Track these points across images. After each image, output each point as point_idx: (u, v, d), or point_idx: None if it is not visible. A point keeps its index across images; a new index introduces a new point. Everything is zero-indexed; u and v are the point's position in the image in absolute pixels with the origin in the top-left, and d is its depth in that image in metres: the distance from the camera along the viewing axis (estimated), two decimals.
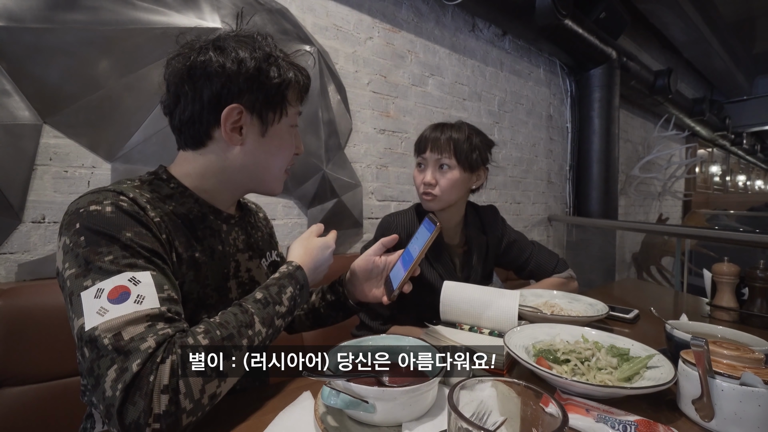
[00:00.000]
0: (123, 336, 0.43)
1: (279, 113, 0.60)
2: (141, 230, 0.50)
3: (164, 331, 0.45)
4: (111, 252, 0.47)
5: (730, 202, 6.60)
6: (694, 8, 3.79)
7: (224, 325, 0.49)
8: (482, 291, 0.83)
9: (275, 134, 0.61)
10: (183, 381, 0.43)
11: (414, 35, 1.98)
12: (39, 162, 1.02)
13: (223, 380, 0.47)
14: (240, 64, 0.55)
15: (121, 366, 0.41)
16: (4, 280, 0.98)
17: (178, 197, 0.59)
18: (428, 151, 0.96)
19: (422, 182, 0.97)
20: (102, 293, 0.45)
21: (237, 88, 0.56)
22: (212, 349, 0.45)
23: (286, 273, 0.61)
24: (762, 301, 1.01)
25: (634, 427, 0.49)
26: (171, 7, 1.18)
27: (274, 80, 0.57)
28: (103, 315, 0.43)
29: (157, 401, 0.41)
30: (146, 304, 0.45)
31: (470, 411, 0.37)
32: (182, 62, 0.57)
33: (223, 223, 0.64)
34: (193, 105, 0.56)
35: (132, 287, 0.46)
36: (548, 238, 2.94)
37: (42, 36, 0.99)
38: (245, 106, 0.57)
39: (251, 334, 0.51)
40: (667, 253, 3.73)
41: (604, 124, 2.83)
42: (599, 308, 0.97)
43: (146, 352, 0.42)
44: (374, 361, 0.61)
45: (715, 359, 0.54)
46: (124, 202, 0.51)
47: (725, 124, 5.86)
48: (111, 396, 0.41)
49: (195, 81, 0.56)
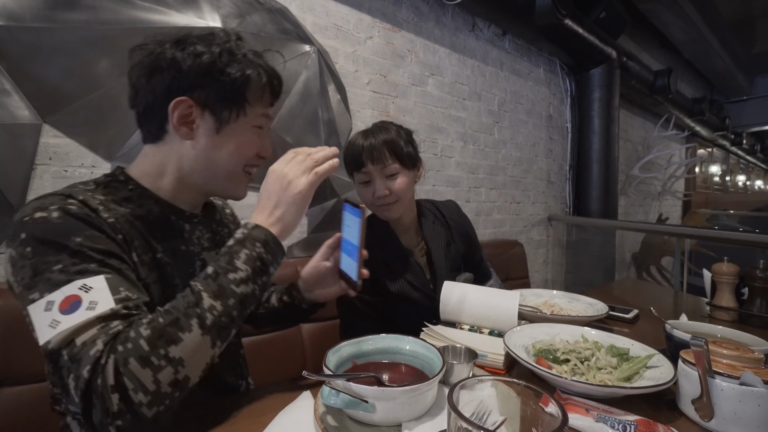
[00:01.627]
0: (76, 344, 0.42)
1: (236, 112, 0.58)
2: (93, 233, 0.48)
3: (116, 328, 0.44)
4: (59, 261, 0.45)
5: (729, 202, 6.60)
6: (694, 8, 3.79)
7: (170, 311, 0.47)
8: (482, 291, 0.83)
9: (232, 133, 0.59)
10: (127, 377, 0.42)
11: (414, 35, 1.98)
12: (39, 161, 1.02)
13: (180, 365, 0.44)
14: (195, 58, 0.55)
15: (76, 374, 0.42)
16: (3, 280, 0.98)
17: (136, 199, 0.58)
18: (369, 164, 0.88)
19: (375, 197, 0.90)
20: (53, 305, 0.43)
21: (188, 81, 0.55)
22: (153, 339, 0.44)
23: (239, 238, 0.54)
24: (761, 301, 1.01)
25: (633, 427, 0.49)
26: (171, 6, 1.18)
27: (230, 77, 0.56)
28: (55, 327, 0.43)
29: (110, 401, 0.41)
30: (100, 308, 0.44)
31: (470, 411, 0.37)
32: (141, 55, 0.57)
33: (185, 222, 0.63)
34: (148, 97, 0.57)
35: (83, 295, 0.44)
36: (548, 238, 2.94)
37: (42, 36, 0.99)
38: (196, 100, 0.56)
39: (199, 312, 0.47)
40: (667, 253, 3.73)
41: (604, 124, 2.83)
42: (599, 308, 0.97)
43: (94, 357, 0.42)
44: (374, 361, 0.61)
45: (715, 359, 0.54)
46: (72, 206, 0.49)
47: (725, 124, 5.85)
48: (77, 403, 0.42)
49: (150, 73, 0.56)
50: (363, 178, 0.91)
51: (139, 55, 0.57)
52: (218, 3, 1.28)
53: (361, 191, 0.94)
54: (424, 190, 2.04)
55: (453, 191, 2.20)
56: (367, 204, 0.93)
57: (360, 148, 0.89)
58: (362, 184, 0.92)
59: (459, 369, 0.60)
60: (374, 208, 0.93)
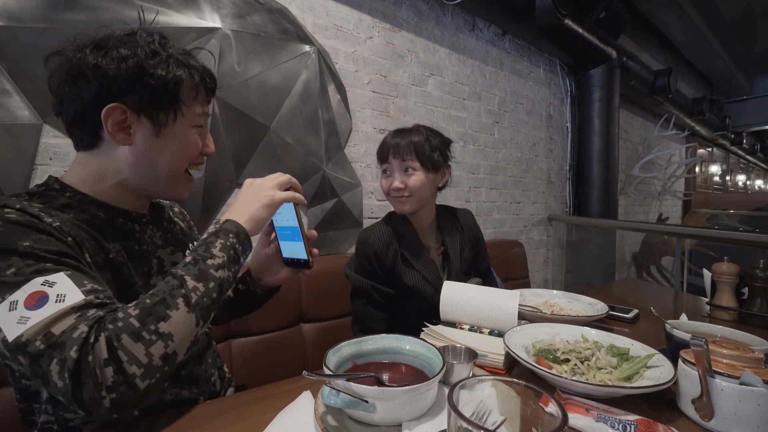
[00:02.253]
0: (53, 332, 0.43)
1: (173, 114, 0.58)
2: (40, 236, 0.47)
3: (95, 315, 0.45)
4: (11, 265, 0.45)
5: (729, 202, 6.59)
6: (694, 8, 3.78)
7: (154, 293, 0.49)
8: (482, 291, 0.84)
9: (172, 134, 0.58)
10: (122, 351, 0.43)
11: (414, 35, 1.98)
12: (39, 162, 1.02)
13: (169, 340, 0.47)
14: (119, 62, 0.53)
15: (60, 357, 0.42)
16: None
17: (77, 205, 0.56)
18: (391, 157, 0.99)
19: (390, 188, 0.99)
20: (16, 304, 0.43)
21: (117, 87, 0.53)
22: (144, 316, 0.46)
23: (212, 231, 0.57)
24: (761, 301, 1.01)
25: (633, 427, 0.49)
26: (171, 7, 1.18)
27: (160, 79, 0.55)
28: (25, 323, 0.43)
29: (102, 375, 0.42)
30: (69, 300, 0.45)
31: (470, 410, 0.37)
32: (59, 62, 0.55)
33: (134, 223, 0.63)
34: (75, 106, 0.55)
35: (48, 290, 0.44)
36: (548, 238, 2.94)
37: (42, 36, 0.99)
38: (129, 105, 0.55)
39: (184, 292, 0.49)
40: (667, 253, 3.74)
41: (604, 124, 2.83)
42: (599, 308, 0.97)
43: (80, 338, 0.43)
44: (374, 361, 0.61)
45: (715, 359, 0.54)
46: (11, 214, 0.48)
47: (725, 123, 5.85)
48: (63, 385, 0.42)
49: (73, 81, 0.54)
50: (384, 169, 1.03)
51: (56, 62, 0.55)
52: (218, 3, 1.28)
53: (381, 181, 1.04)
54: None
55: (453, 191, 2.20)
56: (385, 195, 1.04)
57: (387, 144, 1.00)
58: (384, 174, 1.03)
59: (459, 369, 0.60)
60: (390, 199, 1.03)
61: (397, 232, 1.02)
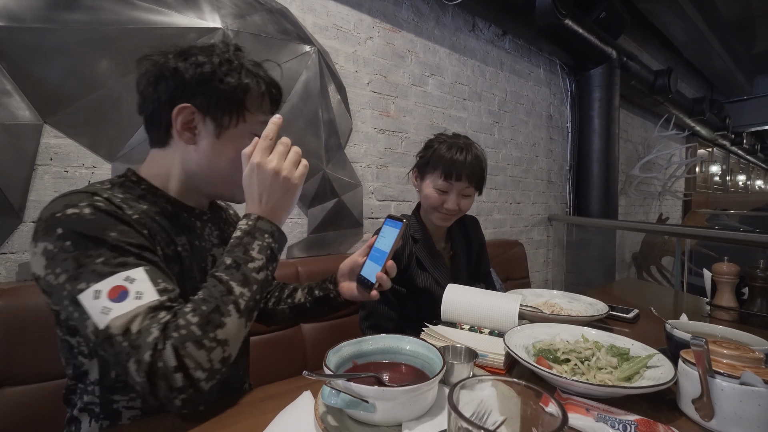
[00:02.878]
0: (131, 330, 0.47)
1: (236, 118, 0.61)
2: (124, 228, 0.52)
3: (164, 319, 0.49)
4: (101, 254, 0.49)
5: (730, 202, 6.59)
6: (694, 8, 3.78)
7: (207, 299, 0.52)
8: (483, 293, 0.84)
9: (231, 138, 0.62)
10: (188, 358, 0.47)
11: (414, 35, 1.98)
12: (39, 162, 1.02)
13: (226, 345, 0.51)
14: (196, 67, 0.58)
15: (136, 358, 0.46)
16: (5, 280, 0.98)
17: (150, 197, 0.61)
18: (454, 179, 0.97)
19: (444, 207, 0.98)
20: (100, 294, 0.47)
21: (190, 89, 0.58)
22: (204, 324, 0.50)
23: (246, 229, 0.58)
24: (762, 301, 1.01)
25: (634, 427, 0.49)
26: (171, 7, 1.18)
27: (229, 85, 0.59)
28: (108, 314, 0.46)
29: (173, 380, 0.47)
30: (146, 298, 0.48)
31: (470, 410, 0.37)
32: (147, 65, 0.61)
33: (196, 219, 0.67)
34: (153, 104, 0.60)
35: (128, 285, 0.48)
36: (548, 238, 2.94)
37: (42, 36, 0.99)
38: (198, 107, 0.59)
39: (234, 299, 0.53)
40: (667, 253, 3.73)
41: (604, 124, 2.82)
42: (599, 308, 0.97)
43: (153, 343, 0.46)
44: (374, 361, 0.61)
45: (715, 359, 0.54)
46: (100, 203, 0.52)
47: (725, 123, 5.85)
48: (141, 382, 0.47)
49: (155, 82, 0.59)
50: (443, 187, 0.98)
51: (145, 65, 0.61)
52: (218, 3, 1.28)
53: (432, 194, 1.00)
54: None
55: None
56: (431, 206, 1.01)
57: (457, 163, 0.96)
58: (438, 189, 0.99)
59: (459, 369, 0.60)
60: (435, 213, 1.02)
61: (413, 236, 1.03)
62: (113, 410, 0.58)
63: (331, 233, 1.61)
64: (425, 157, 1.02)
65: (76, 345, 0.57)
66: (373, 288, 0.69)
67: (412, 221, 1.05)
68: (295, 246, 1.51)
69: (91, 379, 0.57)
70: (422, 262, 1.01)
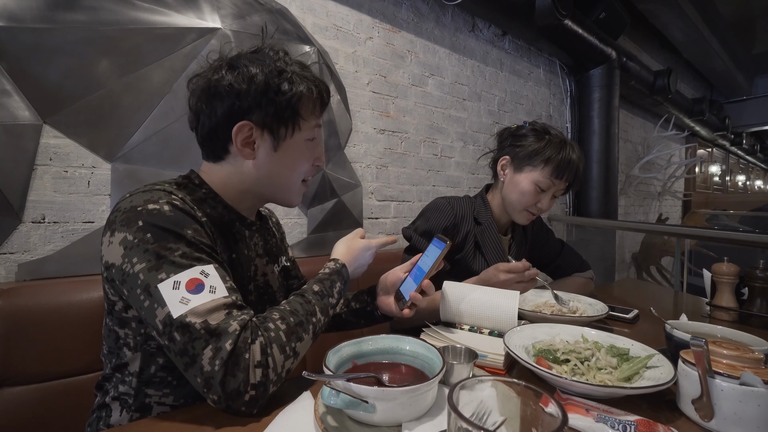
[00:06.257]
0: (210, 321, 0.49)
1: (291, 128, 0.63)
2: (197, 227, 0.55)
3: (242, 317, 0.51)
4: (179, 248, 0.51)
5: (729, 202, 6.59)
6: (694, 8, 3.78)
7: (294, 312, 0.57)
8: (482, 291, 0.83)
9: (288, 149, 0.64)
10: (271, 358, 0.50)
11: (414, 35, 1.98)
12: (39, 162, 1.02)
13: (296, 358, 0.55)
14: (250, 81, 0.58)
15: (215, 346, 0.48)
16: (4, 280, 0.98)
17: (210, 202, 0.63)
18: (563, 180, 0.93)
19: (537, 206, 0.95)
20: (179, 285, 0.49)
21: (247, 104, 0.59)
22: (289, 334, 0.54)
23: (335, 269, 0.68)
24: (762, 301, 1.01)
25: (633, 427, 0.49)
26: (171, 7, 1.18)
27: (284, 95, 0.60)
28: (187, 304, 0.49)
29: (252, 374, 0.49)
30: (219, 294, 0.51)
31: (470, 411, 0.37)
32: (199, 82, 0.61)
33: (246, 229, 0.69)
34: (210, 121, 0.61)
35: (204, 279, 0.51)
36: None
37: (42, 36, 0.99)
38: (255, 122, 0.60)
39: (315, 321, 0.58)
40: (667, 253, 3.74)
41: (604, 124, 2.83)
42: (599, 308, 0.97)
43: (234, 334, 0.49)
44: (374, 361, 0.61)
45: (715, 359, 0.54)
46: (177, 201, 0.55)
47: (725, 124, 5.85)
48: (210, 371, 0.47)
49: (210, 99, 0.60)
50: (545, 185, 0.95)
51: (197, 83, 0.62)
52: (218, 3, 1.28)
53: (530, 189, 0.96)
54: (424, 191, 2.04)
55: (453, 192, 2.20)
56: (521, 203, 0.98)
57: (574, 164, 0.93)
58: (538, 186, 0.96)
59: (459, 369, 0.60)
60: (523, 211, 1.00)
61: (476, 218, 1.01)
62: (145, 404, 0.59)
63: (331, 233, 1.61)
64: (526, 148, 0.96)
65: (123, 337, 0.58)
66: (406, 306, 0.70)
67: (478, 204, 1.03)
68: (294, 246, 1.51)
69: (130, 370, 0.58)
70: (481, 246, 0.99)
